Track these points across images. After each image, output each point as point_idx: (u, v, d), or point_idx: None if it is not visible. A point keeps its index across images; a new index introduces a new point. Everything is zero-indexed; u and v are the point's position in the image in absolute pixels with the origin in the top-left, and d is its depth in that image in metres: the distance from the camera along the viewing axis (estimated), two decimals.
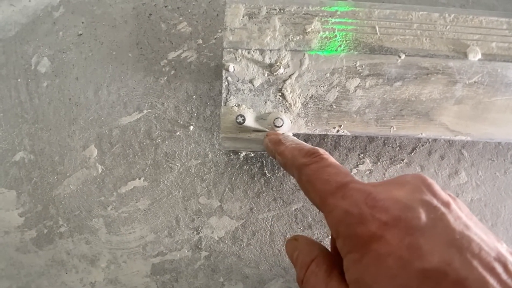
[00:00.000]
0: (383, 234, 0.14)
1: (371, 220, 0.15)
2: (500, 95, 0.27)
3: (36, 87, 0.31)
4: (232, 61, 0.26)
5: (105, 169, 0.30)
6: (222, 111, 0.26)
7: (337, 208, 0.16)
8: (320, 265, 0.17)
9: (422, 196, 0.15)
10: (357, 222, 0.15)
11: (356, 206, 0.15)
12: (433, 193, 0.16)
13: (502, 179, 0.30)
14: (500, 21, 0.27)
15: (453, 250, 0.13)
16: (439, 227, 0.14)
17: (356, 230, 0.15)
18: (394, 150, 0.30)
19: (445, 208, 0.15)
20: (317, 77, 0.26)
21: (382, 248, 0.14)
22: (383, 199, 0.15)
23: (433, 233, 0.14)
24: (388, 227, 0.14)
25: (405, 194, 0.15)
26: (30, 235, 0.30)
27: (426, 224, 0.14)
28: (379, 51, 0.26)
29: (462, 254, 0.13)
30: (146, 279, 0.29)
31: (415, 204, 0.15)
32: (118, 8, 0.32)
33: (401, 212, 0.15)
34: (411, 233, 0.14)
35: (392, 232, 0.14)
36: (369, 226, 0.15)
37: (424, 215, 0.14)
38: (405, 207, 0.15)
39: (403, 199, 0.15)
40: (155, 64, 0.31)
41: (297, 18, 0.26)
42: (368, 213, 0.15)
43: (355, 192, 0.16)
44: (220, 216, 0.30)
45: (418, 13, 0.27)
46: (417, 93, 0.27)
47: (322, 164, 0.18)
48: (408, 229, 0.14)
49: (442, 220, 0.14)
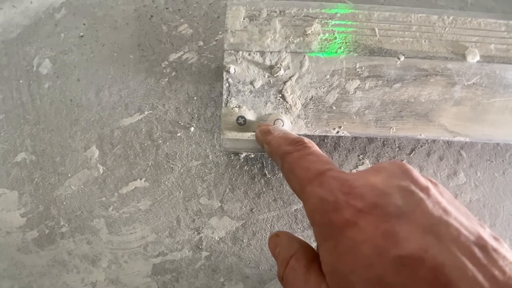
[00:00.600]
0: (358, 221, 0.14)
1: (345, 207, 0.14)
2: (498, 97, 0.27)
3: (38, 88, 0.31)
4: (233, 63, 0.27)
5: (106, 170, 0.30)
6: (223, 112, 0.27)
7: (313, 195, 0.16)
8: (300, 260, 0.17)
9: (399, 182, 0.15)
10: (332, 209, 0.15)
11: (332, 193, 0.15)
12: (411, 179, 0.15)
13: (500, 179, 0.30)
14: (499, 23, 0.27)
15: (431, 236, 0.13)
16: (416, 213, 0.14)
17: (331, 217, 0.15)
18: (394, 151, 0.30)
19: (423, 194, 0.15)
20: (317, 79, 0.27)
21: (357, 235, 0.14)
22: (358, 186, 0.15)
23: (410, 219, 0.14)
24: (363, 214, 0.14)
25: (382, 180, 0.15)
26: (32, 236, 0.30)
27: (402, 210, 0.14)
28: (378, 53, 0.27)
29: (440, 240, 0.13)
30: (147, 279, 0.29)
31: (391, 190, 0.15)
32: (119, 10, 0.32)
33: (377, 199, 0.14)
34: (387, 220, 0.14)
35: (367, 219, 0.14)
36: (343, 213, 0.14)
37: (401, 201, 0.14)
38: (381, 193, 0.14)
39: (379, 185, 0.15)
40: (156, 65, 0.31)
41: (297, 20, 0.27)
42: (343, 200, 0.15)
43: (332, 180, 0.16)
44: (221, 216, 0.30)
45: (417, 15, 0.27)
46: (416, 95, 0.27)
47: (304, 152, 0.18)
48: (384, 215, 0.14)
49: (420, 205, 0.14)
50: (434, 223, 0.13)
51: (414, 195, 0.14)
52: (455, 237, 0.13)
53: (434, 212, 0.14)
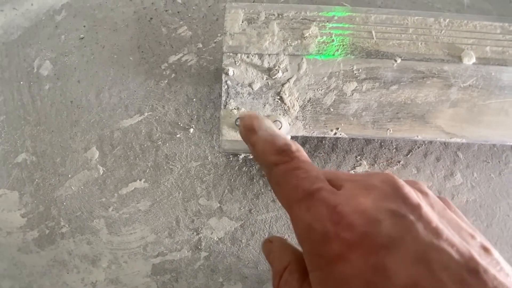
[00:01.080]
0: (347, 255, 0.13)
1: (335, 240, 0.14)
2: (494, 98, 0.27)
3: (39, 90, 0.31)
4: (232, 65, 0.27)
5: (106, 171, 0.30)
6: (222, 114, 0.27)
7: (301, 220, 0.15)
8: (293, 274, 0.16)
9: (389, 205, 0.14)
10: (321, 240, 0.14)
11: (320, 222, 0.14)
12: (402, 198, 0.15)
13: (497, 180, 0.30)
14: (494, 25, 0.27)
15: (421, 266, 0.13)
16: (406, 240, 0.13)
17: (320, 249, 0.14)
18: (391, 152, 0.31)
19: (414, 215, 0.14)
20: (314, 81, 0.27)
21: (347, 270, 0.13)
22: (348, 214, 0.14)
23: (400, 248, 0.13)
24: (353, 247, 0.14)
25: (371, 203, 0.14)
26: (32, 236, 0.30)
27: (392, 239, 0.13)
28: (375, 55, 0.27)
29: (431, 270, 0.13)
30: (146, 279, 0.30)
31: (381, 216, 0.14)
32: (119, 12, 0.32)
33: (366, 228, 0.14)
34: (376, 252, 0.13)
35: (357, 252, 0.13)
36: (333, 246, 0.14)
37: (391, 228, 0.14)
38: (370, 221, 0.14)
39: (368, 210, 0.14)
40: (156, 67, 0.31)
41: (295, 23, 0.27)
42: (332, 231, 0.14)
43: (321, 205, 0.15)
44: (220, 217, 0.30)
45: (414, 18, 0.27)
46: (413, 96, 0.27)
47: (291, 166, 0.17)
48: (373, 247, 0.13)
49: (410, 231, 0.14)
50: (425, 250, 0.13)
51: (404, 220, 0.14)
52: (446, 264, 0.13)
53: (425, 238, 0.13)
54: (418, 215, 0.14)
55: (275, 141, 0.18)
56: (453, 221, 0.15)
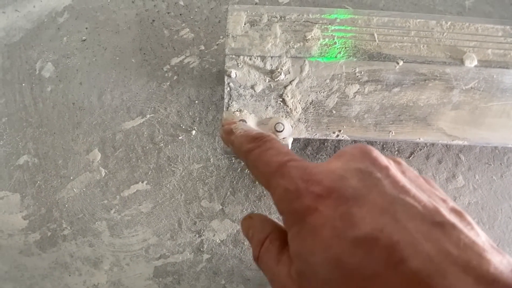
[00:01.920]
0: (317, 206, 0.15)
1: (305, 194, 0.15)
2: (496, 101, 0.27)
3: (41, 92, 0.31)
4: (234, 67, 0.27)
5: (108, 173, 0.30)
6: (224, 116, 0.27)
7: (278, 187, 0.16)
8: (274, 242, 0.17)
9: (357, 165, 0.15)
10: (294, 197, 0.15)
11: (293, 183, 0.16)
12: (371, 160, 0.15)
13: (498, 182, 0.30)
14: (496, 28, 0.27)
15: (387, 216, 0.13)
16: (373, 193, 0.14)
17: (294, 205, 0.15)
18: (393, 155, 0.31)
19: (382, 174, 0.15)
20: (317, 83, 0.27)
21: (317, 219, 0.14)
22: (317, 173, 0.16)
23: (367, 200, 0.14)
24: (322, 198, 0.15)
25: (341, 165, 0.16)
26: (34, 238, 0.30)
27: (359, 192, 0.14)
28: (377, 58, 0.27)
29: (396, 219, 0.13)
30: (148, 282, 0.30)
31: (348, 173, 0.15)
32: (121, 14, 0.32)
33: (334, 183, 0.15)
34: (344, 203, 0.14)
35: (326, 203, 0.14)
36: (304, 200, 0.15)
37: (358, 183, 0.14)
38: (338, 177, 0.15)
39: (337, 170, 0.15)
40: (158, 69, 0.31)
41: (298, 25, 0.27)
42: (303, 187, 0.15)
43: (293, 170, 0.16)
44: (222, 219, 0.30)
45: (416, 20, 0.27)
46: (415, 99, 0.27)
47: (264, 148, 0.19)
48: (341, 198, 0.14)
49: (377, 185, 0.14)
50: (390, 203, 0.14)
51: (371, 176, 0.15)
52: (411, 215, 0.13)
53: (391, 192, 0.14)
54: (385, 174, 0.15)
55: (248, 134, 0.21)
56: (424, 186, 0.15)
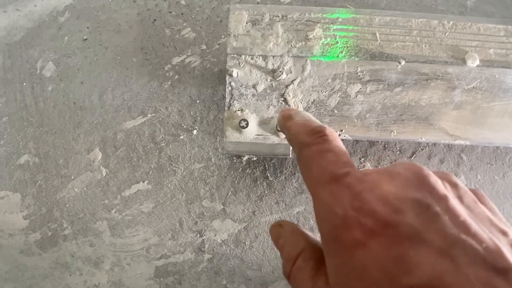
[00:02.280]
0: (368, 242, 0.13)
1: (356, 226, 0.13)
2: (498, 100, 0.27)
3: (41, 91, 0.31)
4: (236, 67, 0.27)
5: (109, 172, 0.30)
6: (226, 115, 0.27)
7: (323, 203, 0.15)
8: (307, 261, 0.16)
9: (414, 194, 0.14)
10: (341, 225, 0.14)
11: (342, 207, 0.14)
12: (428, 188, 0.14)
13: (500, 182, 0.30)
14: (498, 28, 0.27)
15: (446, 261, 0.12)
16: (431, 232, 0.13)
17: (340, 234, 0.14)
18: (395, 154, 0.31)
19: (440, 206, 0.13)
20: (319, 83, 0.27)
21: (366, 257, 0.13)
22: (370, 200, 0.14)
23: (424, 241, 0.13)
24: (374, 234, 0.13)
25: (395, 191, 0.14)
26: (34, 238, 0.30)
27: (416, 230, 0.13)
28: (379, 57, 0.27)
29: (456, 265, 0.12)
30: (149, 282, 0.30)
31: (404, 205, 0.13)
32: (122, 13, 0.32)
33: (389, 216, 0.13)
34: (399, 243, 0.13)
35: (378, 240, 0.13)
36: (353, 232, 0.13)
37: (415, 219, 0.13)
38: (393, 210, 0.13)
39: (392, 199, 0.14)
40: (159, 69, 0.31)
41: (299, 25, 0.27)
42: (353, 217, 0.14)
43: (345, 189, 0.15)
44: (223, 219, 0.30)
45: (418, 20, 0.27)
46: (417, 98, 0.27)
47: (323, 147, 0.17)
48: (396, 237, 0.13)
49: (436, 222, 0.13)
50: (450, 244, 0.12)
51: (429, 210, 0.13)
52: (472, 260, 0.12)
53: (451, 230, 0.13)
54: (444, 207, 0.13)
55: (309, 124, 0.18)
56: (483, 216, 0.14)
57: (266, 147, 0.27)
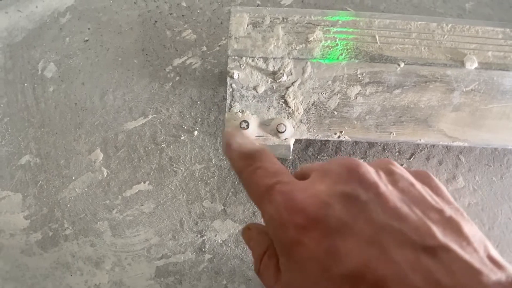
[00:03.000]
0: (301, 239, 0.14)
1: (289, 225, 0.14)
2: (496, 102, 0.27)
3: (43, 92, 0.32)
4: (237, 69, 0.27)
5: (110, 173, 0.31)
6: (226, 116, 0.27)
7: (265, 213, 0.16)
8: (271, 258, 0.16)
9: (343, 187, 0.14)
10: (279, 227, 0.15)
11: (277, 211, 0.15)
12: (358, 179, 0.14)
13: (498, 184, 0.31)
14: (496, 30, 0.28)
15: (374, 247, 0.12)
16: (359, 222, 0.13)
17: (279, 235, 0.15)
18: (394, 156, 0.31)
19: (369, 194, 0.14)
20: (319, 85, 0.27)
21: (303, 253, 0.14)
22: (301, 200, 0.14)
23: (352, 231, 0.13)
24: (306, 230, 0.14)
25: (326, 188, 0.15)
26: (35, 238, 0.30)
27: (344, 222, 0.13)
28: (379, 60, 0.27)
29: (383, 250, 0.12)
30: (150, 282, 0.30)
31: (333, 199, 0.14)
32: (124, 15, 0.32)
33: (318, 212, 0.14)
34: (329, 235, 0.13)
35: (310, 235, 0.14)
36: (288, 231, 0.14)
37: (343, 211, 0.14)
38: (322, 205, 0.14)
39: (321, 195, 0.14)
40: (160, 70, 0.31)
41: (300, 27, 0.27)
42: (286, 217, 0.14)
43: (278, 195, 0.15)
44: (224, 219, 0.30)
45: (417, 22, 0.28)
46: (416, 100, 0.27)
47: (254, 167, 0.18)
48: (326, 230, 0.13)
49: (364, 211, 0.13)
50: (378, 231, 0.13)
51: (357, 201, 0.14)
52: (400, 243, 0.12)
53: (379, 217, 0.13)
54: (373, 194, 0.14)
55: (241, 150, 0.19)
56: (419, 197, 0.14)
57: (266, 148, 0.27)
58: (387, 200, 0.14)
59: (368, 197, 0.14)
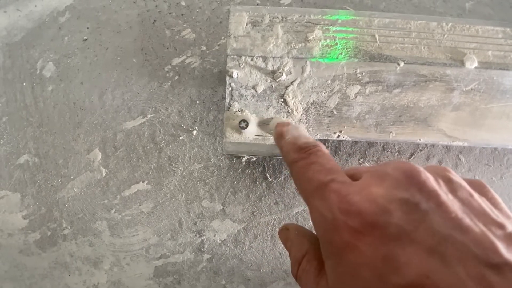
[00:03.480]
0: (356, 243, 0.13)
1: (344, 228, 0.14)
2: (496, 102, 0.27)
3: (41, 91, 0.31)
4: (236, 68, 0.27)
5: (109, 173, 0.30)
6: (225, 116, 0.27)
7: (316, 210, 0.15)
8: (311, 262, 0.16)
9: (402, 194, 0.14)
10: (331, 228, 0.14)
11: (330, 211, 0.14)
12: (417, 185, 0.14)
13: (498, 184, 0.31)
14: (496, 30, 0.28)
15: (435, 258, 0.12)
16: (419, 231, 0.13)
17: (331, 237, 0.14)
18: (393, 155, 0.31)
19: (430, 203, 0.13)
20: (318, 84, 0.27)
21: (357, 258, 0.13)
22: (357, 202, 0.14)
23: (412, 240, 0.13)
24: (362, 235, 0.13)
25: (383, 192, 0.14)
26: (34, 237, 0.30)
27: (404, 230, 0.13)
28: (378, 59, 0.27)
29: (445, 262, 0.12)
30: (149, 282, 0.30)
31: (392, 205, 0.13)
32: (123, 14, 0.32)
33: (376, 217, 0.13)
34: (387, 242, 0.13)
35: (366, 241, 0.13)
36: (342, 234, 0.14)
37: (402, 218, 0.13)
38: (380, 210, 0.13)
39: (379, 200, 0.14)
40: (159, 69, 0.31)
41: (299, 26, 0.27)
42: (341, 219, 0.14)
43: (332, 194, 0.15)
44: (223, 219, 0.30)
45: (417, 22, 0.27)
46: (416, 100, 0.27)
47: (308, 161, 0.17)
48: (384, 237, 0.13)
49: (425, 221, 0.13)
50: (439, 242, 0.12)
51: (418, 209, 0.13)
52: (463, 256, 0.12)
53: (440, 227, 0.13)
54: (434, 203, 0.13)
55: (296, 141, 0.19)
56: (479, 209, 0.14)
57: (265, 147, 0.27)
58: (449, 210, 0.13)
59: (428, 206, 0.13)
